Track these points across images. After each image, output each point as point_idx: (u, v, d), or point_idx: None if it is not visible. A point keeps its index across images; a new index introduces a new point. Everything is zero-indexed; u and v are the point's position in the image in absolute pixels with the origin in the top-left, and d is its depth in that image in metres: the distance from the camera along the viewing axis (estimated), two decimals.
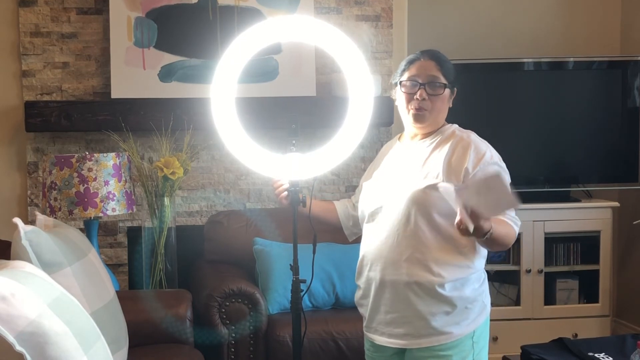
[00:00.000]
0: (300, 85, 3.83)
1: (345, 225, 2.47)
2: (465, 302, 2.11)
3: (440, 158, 2.12)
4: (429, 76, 2.15)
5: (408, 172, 2.16)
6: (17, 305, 1.69)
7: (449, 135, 2.18)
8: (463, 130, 2.22)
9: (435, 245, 2.09)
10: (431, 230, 2.09)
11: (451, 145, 2.13)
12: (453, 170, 2.09)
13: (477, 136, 2.19)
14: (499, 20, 4.37)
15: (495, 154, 2.14)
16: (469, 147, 2.11)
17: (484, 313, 2.17)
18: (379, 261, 2.16)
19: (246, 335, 3.10)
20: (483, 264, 2.19)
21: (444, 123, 2.23)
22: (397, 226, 2.12)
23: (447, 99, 2.19)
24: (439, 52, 2.21)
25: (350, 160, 3.91)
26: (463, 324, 2.11)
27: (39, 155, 3.72)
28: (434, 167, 2.11)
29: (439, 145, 2.16)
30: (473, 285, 2.13)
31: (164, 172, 3.18)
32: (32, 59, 3.72)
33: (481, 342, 2.17)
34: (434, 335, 2.11)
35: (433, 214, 2.08)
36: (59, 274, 2.16)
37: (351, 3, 3.94)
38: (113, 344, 2.22)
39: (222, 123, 2.26)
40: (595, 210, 4.04)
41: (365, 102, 2.24)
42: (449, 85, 2.17)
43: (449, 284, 2.08)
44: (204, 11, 3.77)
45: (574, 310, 4.07)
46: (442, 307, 2.09)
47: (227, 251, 3.59)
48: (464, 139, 2.15)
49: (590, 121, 4.13)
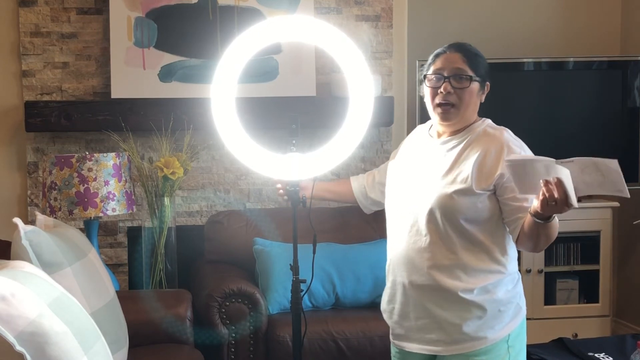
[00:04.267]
0: (300, 85, 3.82)
1: (362, 204, 2.45)
2: (498, 304, 2.03)
3: (470, 161, 2.02)
4: (453, 69, 2.04)
5: (435, 175, 2.06)
6: (17, 305, 1.68)
7: (480, 134, 2.06)
8: (496, 128, 2.10)
9: (464, 251, 2.02)
10: (459, 236, 2.02)
11: (482, 146, 2.02)
12: (484, 175, 1.99)
13: (510, 134, 2.08)
14: (499, 20, 4.37)
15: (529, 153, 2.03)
16: (502, 149, 2.00)
17: (519, 315, 2.10)
18: (406, 266, 2.09)
19: (246, 335, 3.10)
20: (516, 266, 2.12)
21: (476, 119, 2.12)
22: (424, 231, 2.05)
23: (475, 92, 2.07)
24: (468, 45, 2.10)
25: (350, 160, 3.90)
26: (497, 328, 2.04)
27: (39, 155, 3.72)
28: (463, 171, 2.01)
29: (469, 146, 2.05)
30: (506, 287, 2.06)
31: (164, 172, 3.18)
32: (32, 59, 3.72)
33: (517, 345, 2.09)
34: (467, 341, 2.04)
35: (460, 219, 2.00)
36: (59, 274, 2.16)
37: (351, 3, 3.94)
38: (113, 344, 2.22)
39: (222, 123, 2.26)
40: (595, 210, 4.04)
41: (365, 102, 2.24)
42: (477, 78, 2.06)
43: (478, 289, 2.01)
44: (204, 11, 3.76)
45: (574, 310, 4.07)
46: (473, 312, 2.02)
47: (227, 251, 3.58)
48: (496, 140, 2.03)
49: (590, 121, 4.13)
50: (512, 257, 2.09)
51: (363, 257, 3.42)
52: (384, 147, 3.98)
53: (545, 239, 1.94)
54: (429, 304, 2.06)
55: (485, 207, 2.01)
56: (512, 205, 1.98)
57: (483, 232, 2.03)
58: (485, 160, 2.00)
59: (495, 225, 2.04)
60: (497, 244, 2.04)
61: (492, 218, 2.03)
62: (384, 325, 3.06)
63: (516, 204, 1.96)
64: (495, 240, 2.04)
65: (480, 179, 1.99)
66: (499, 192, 2.01)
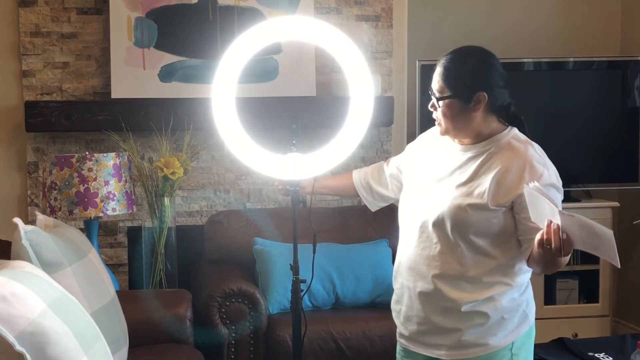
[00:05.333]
0: (300, 85, 3.83)
1: (365, 199, 2.37)
2: (502, 312, 1.99)
3: (489, 175, 1.94)
4: (432, 87, 2.02)
5: (453, 183, 2.00)
6: (17, 305, 1.69)
7: (504, 147, 1.98)
8: (521, 141, 2.00)
9: (473, 264, 1.97)
10: (468, 248, 1.97)
11: (504, 161, 1.95)
12: (502, 192, 1.92)
13: (536, 150, 1.99)
14: (499, 20, 4.37)
15: (553, 172, 1.96)
16: (524, 168, 1.92)
17: (525, 323, 2.05)
18: (414, 271, 2.06)
19: (246, 335, 3.10)
20: (525, 278, 2.06)
21: (499, 127, 2.02)
22: (434, 239, 2.01)
23: (457, 107, 1.98)
24: (451, 57, 2.02)
25: (350, 160, 3.90)
26: (500, 335, 2.00)
27: (39, 155, 3.72)
28: (481, 185, 1.95)
29: (490, 158, 1.97)
30: (512, 295, 2.01)
31: (164, 172, 3.18)
32: (32, 59, 3.72)
33: (522, 354, 2.04)
34: (468, 347, 2.01)
35: (469, 233, 1.95)
36: (59, 274, 2.16)
37: (351, 3, 3.94)
38: (113, 344, 2.22)
39: (222, 123, 2.26)
40: (595, 210, 4.03)
41: (365, 102, 2.24)
42: (456, 94, 1.97)
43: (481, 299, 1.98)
44: (204, 11, 3.76)
45: (574, 310, 4.07)
46: (475, 320, 1.99)
47: (227, 251, 3.59)
48: (520, 156, 1.94)
49: (590, 121, 4.13)
50: (522, 269, 2.03)
51: (363, 257, 3.42)
52: (384, 147, 3.98)
53: (552, 267, 1.92)
54: (430, 312, 2.04)
55: (499, 222, 1.96)
56: (528, 225, 1.91)
57: (494, 245, 1.98)
58: (506, 177, 1.93)
59: (506, 240, 1.99)
60: (508, 258, 1.99)
61: (504, 233, 1.97)
62: (384, 325, 3.07)
63: (532, 224, 1.89)
64: (505, 254, 1.99)
65: (497, 195, 1.93)
66: (516, 209, 1.95)
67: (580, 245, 1.74)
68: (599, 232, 1.68)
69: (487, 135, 2.01)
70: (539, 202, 1.78)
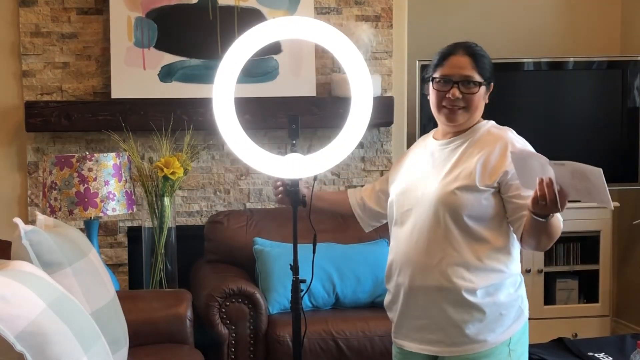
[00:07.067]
0: (300, 85, 3.82)
1: (359, 217, 2.39)
2: (500, 308, 2.02)
3: (473, 158, 2.02)
4: (462, 75, 2.03)
5: (438, 174, 2.06)
6: (17, 305, 1.68)
7: (484, 134, 2.06)
8: (500, 128, 2.10)
9: (467, 249, 2.00)
10: (462, 234, 2.00)
11: (487, 145, 2.02)
12: (488, 172, 1.98)
13: (514, 133, 2.08)
14: (499, 20, 4.37)
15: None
16: (506, 147, 2.00)
17: (521, 319, 2.08)
18: (408, 266, 2.07)
19: (246, 335, 3.10)
20: (519, 267, 2.10)
21: (479, 120, 2.11)
22: (426, 230, 2.03)
23: (482, 96, 2.07)
24: (475, 46, 2.09)
25: (350, 160, 3.92)
26: (498, 331, 2.02)
27: (39, 155, 3.72)
28: (467, 168, 2.01)
29: (472, 145, 2.05)
30: (508, 290, 2.04)
31: (164, 172, 3.18)
32: (32, 59, 3.72)
33: (519, 349, 2.08)
34: (468, 343, 2.02)
35: (463, 216, 1.98)
36: (59, 274, 2.16)
37: (351, 3, 3.94)
38: (113, 344, 2.22)
39: (224, 123, 2.26)
40: (595, 210, 4.03)
41: (365, 102, 2.24)
42: (485, 82, 2.05)
43: (480, 290, 2.00)
44: (204, 11, 3.76)
45: (573, 310, 4.07)
46: (474, 315, 2.00)
47: (227, 251, 3.59)
48: (501, 138, 2.03)
49: (590, 121, 4.13)
50: (514, 257, 2.08)
51: (363, 257, 3.42)
52: (384, 147, 3.98)
53: (546, 237, 1.93)
54: (430, 305, 2.05)
55: (490, 205, 2.00)
56: (516, 203, 1.97)
57: (487, 229, 2.01)
58: (490, 158, 2.00)
59: (499, 224, 2.03)
60: (501, 243, 2.03)
61: (496, 216, 2.02)
62: (384, 325, 3.07)
63: (519, 201, 1.95)
64: (499, 238, 2.03)
65: (484, 175, 1.98)
66: (503, 190, 2.00)
67: (574, 194, 1.76)
68: (588, 173, 1.70)
69: (468, 126, 2.09)
70: (527, 163, 1.82)
